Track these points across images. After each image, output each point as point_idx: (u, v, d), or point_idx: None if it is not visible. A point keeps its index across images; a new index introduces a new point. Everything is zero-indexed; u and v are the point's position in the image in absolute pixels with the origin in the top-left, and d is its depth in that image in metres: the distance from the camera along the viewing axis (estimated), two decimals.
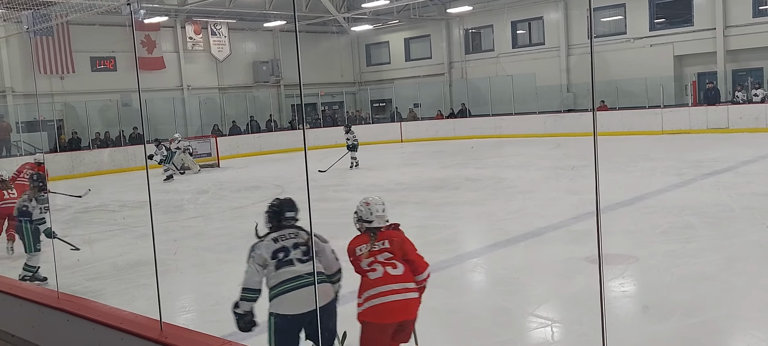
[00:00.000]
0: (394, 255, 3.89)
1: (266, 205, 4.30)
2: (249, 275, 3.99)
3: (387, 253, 3.87)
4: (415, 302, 3.87)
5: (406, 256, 3.92)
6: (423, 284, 3.97)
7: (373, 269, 3.83)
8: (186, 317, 6.06)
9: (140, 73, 23.82)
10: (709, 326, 5.00)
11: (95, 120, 22.87)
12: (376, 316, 3.77)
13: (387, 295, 3.76)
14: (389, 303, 3.75)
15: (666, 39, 23.28)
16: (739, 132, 19.40)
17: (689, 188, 11.02)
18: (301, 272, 3.89)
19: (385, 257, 3.86)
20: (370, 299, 3.79)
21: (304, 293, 3.82)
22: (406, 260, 3.91)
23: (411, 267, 3.90)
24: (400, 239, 3.96)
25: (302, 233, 4.08)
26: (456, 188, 12.81)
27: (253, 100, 28.01)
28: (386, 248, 3.89)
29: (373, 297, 3.78)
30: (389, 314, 3.75)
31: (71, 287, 6.45)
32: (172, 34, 25.93)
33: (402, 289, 3.79)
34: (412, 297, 3.84)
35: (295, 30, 3.11)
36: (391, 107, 29.19)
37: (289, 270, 3.90)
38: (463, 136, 25.11)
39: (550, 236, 8.17)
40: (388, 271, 3.81)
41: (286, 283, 3.87)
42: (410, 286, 3.85)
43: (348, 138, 16.95)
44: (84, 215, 12.62)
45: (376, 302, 3.76)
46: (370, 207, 3.99)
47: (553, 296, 5.99)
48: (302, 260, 3.94)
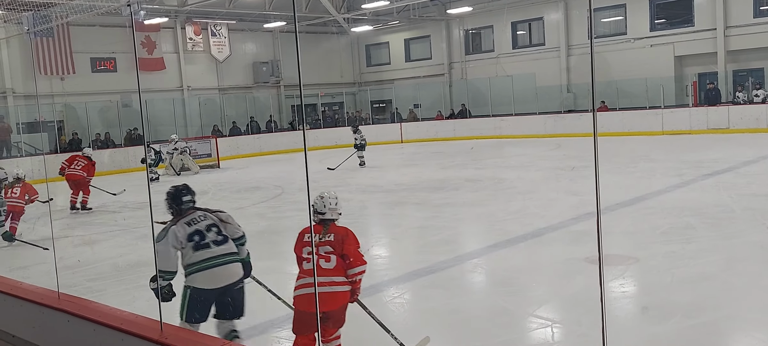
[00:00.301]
0: (334, 249, 4.17)
1: (266, 205, 4.34)
2: (165, 257, 4.32)
3: (328, 246, 4.17)
4: (341, 295, 4.14)
5: (344, 251, 4.16)
6: (354, 278, 4.21)
7: (306, 258, 4.16)
8: None
9: (140, 74, 23.85)
10: (710, 327, 5.00)
11: (95, 121, 22.88)
12: (300, 304, 4.14)
13: (305, 287, 4.11)
14: (305, 296, 4.08)
15: (666, 39, 23.28)
16: (740, 132, 19.39)
17: (690, 188, 11.01)
18: (217, 253, 4.39)
19: (325, 250, 4.17)
20: (300, 287, 4.15)
21: (218, 271, 4.37)
22: (342, 255, 4.16)
23: (345, 262, 4.16)
24: (343, 234, 4.22)
25: (210, 215, 4.56)
26: (456, 189, 12.81)
27: (253, 100, 28.02)
28: (329, 240, 4.19)
29: (301, 286, 4.15)
30: (311, 304, 3.91)
31: (72, 288, 6.45)
32: (172, 35, 25.94)
33: (328, 282, 4.07)
34: (337, 290, 4.10)
35: (295, 31, 3.11)
36: (391, 108, 29.19)
37: (207, 252, 4.37)
38: (463, 136, 25.11)
39: (550, 237, 8.17)
40: (321, 263, 4.11)
41: (203, 262, 4.35)
42: (338, 280, 4.12)
43: (356, 137, 17.39)
44: (84, 216, 12.62)
45: (302, 292, 4.12)
46: (324, 200, 4.34)
47: (553, 297, 5.99)
48: (217, 241, 4.42)
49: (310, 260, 4.09)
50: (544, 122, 23.72)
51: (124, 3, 11.90)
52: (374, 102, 30.48)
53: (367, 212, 11.07)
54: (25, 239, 9.55)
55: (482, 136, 24.54)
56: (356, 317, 5.77)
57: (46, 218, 11.63)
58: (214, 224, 4.49)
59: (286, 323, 5.65)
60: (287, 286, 6.95)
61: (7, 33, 20.31)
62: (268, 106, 28.04)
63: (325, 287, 4.04)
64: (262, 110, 27.69)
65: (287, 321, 5.67)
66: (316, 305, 3.56)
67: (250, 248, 4.86)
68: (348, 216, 10.60)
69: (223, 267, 4.38)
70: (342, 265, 4.16)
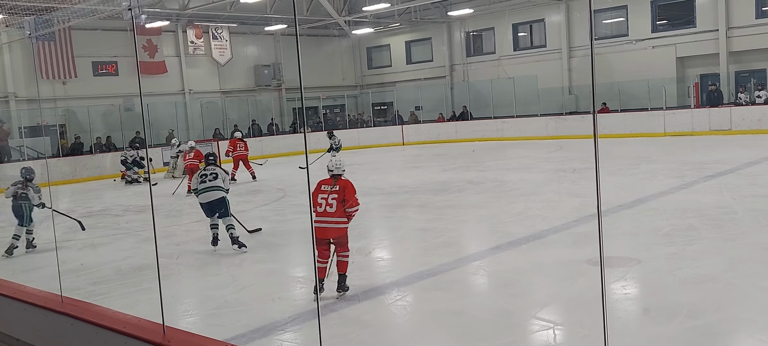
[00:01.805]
0: (337, 197, 6.26)
1: (268, 208, 4.37)
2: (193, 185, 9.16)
3: (334, 195, 6.27)
4: (341, 229, 6.30)
5: (344, 196, 6.27)
6: (350, 214, 6.35)
7: (320, 203, 6.26)
8: (189, 320, 6.07)
9: (142, 78, 23.90)
10: (712, 328, 4.99)
11: (97, 124, 22.91)
12: (317, 233, 6.30)
13: (320, 222, 6.27)
14: (321, 228, 6.27)
15: (668, 40, 23.27)
16: (742, 134, 19.37)
17: (692, 190, 11.00)
18: (209, 185, 8.69)
19: (332, 197, 6.26)
20: (316, 221, 6.29)
21: (208, 193, 8.67)
22: (343, 200, 6.26)
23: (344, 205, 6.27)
24: (345, 184, 6.35)
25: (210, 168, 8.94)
26: (458, 191, 12.81)
27: (255, 103, 28.05)
28: (336, 190, 6.29)
29: (316, 222, 6.28)
30: (321, 233, 6.29)
31: (75, 291, 6.48)
32: (173, 39, 25.99)
33: (331, 220, 6.26)
34: (337, 227, 6.27)
35: (296, 33, 3.12)
36: (392, 110, 29.20)
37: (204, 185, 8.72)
38: (464, 139, 25.11)
39: (553, 239, 8.17)
40: (327, 209, 6.25)
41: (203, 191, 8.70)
42: (338, 219, 6.26)
43: (332, 142, 18.41)
44: (87, 219, 12.64)
45: (316, 225, 6.27)
46: (333, 162, 6.54)
47: (555, 299, 5.99)
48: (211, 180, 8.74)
49: (322, 205, 6.23)
50: (546, 124, 23.71)
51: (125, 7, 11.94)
52: (376, 104, 30.49)
53: (369, 215, 11.07)
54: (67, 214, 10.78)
55: (484, 139, 24.53)
56: (357, 319, 5.77)
57: (49, 222, 11.65)
58: (210, 173, 8.80)
59: (289, 325, 5.67)
60: (289, 287, 6.98)
61: (10, 37, 20.39)
62: (270, 109, 28.08)
63: (330, 224, 6.25)
64: (264, 113, 27.72)
65: (289, 323, 5.70)
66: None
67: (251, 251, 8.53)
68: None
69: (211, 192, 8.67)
70: (342, 208, 6.24)
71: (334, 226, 6.23)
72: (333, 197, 6.21)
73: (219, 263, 8.31)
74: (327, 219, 6.22)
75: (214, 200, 8.60)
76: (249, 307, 6.32)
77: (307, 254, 8.23)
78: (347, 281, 6.40)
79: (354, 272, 6.65)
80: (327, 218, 6.22)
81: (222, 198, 8.62)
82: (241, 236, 8.80)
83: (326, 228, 6.22)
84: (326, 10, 25.94)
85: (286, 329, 5.62)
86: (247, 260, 8.33)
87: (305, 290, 6.70)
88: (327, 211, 6.22)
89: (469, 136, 25.12)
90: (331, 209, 6.21)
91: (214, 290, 6.99)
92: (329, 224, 6.22)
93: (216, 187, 8.63)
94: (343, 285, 6.28)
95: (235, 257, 8.52)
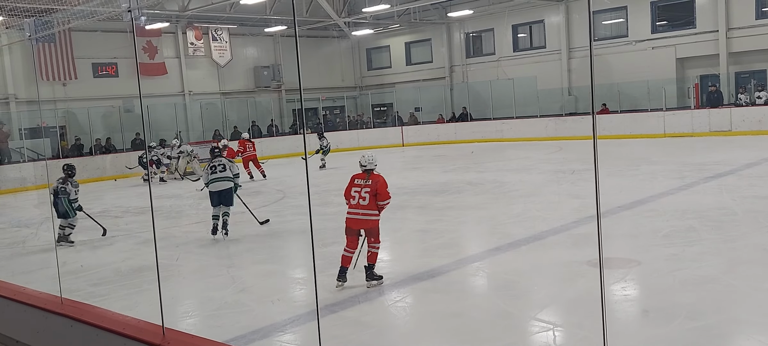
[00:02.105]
0: (370, 190, 6.57)
1: (268, 209, 4.37)
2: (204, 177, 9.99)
3: (367, 188, 6.58)
4: (373, 221, 6.61)
5: (377, 190, 6.57)
6: (382, 207, 6.68)
7: (353, 195, 6.62)
8: (188, 322, 6.07)
9: (142, 79, 23.90)
10: (712, 330, 4.99)
11: (97, 126, 22.92)
12: (347, 223, 6.66)
13: (353, 214, 6.64)
14: (354, 219, 6.62)
15: (668, 41, 23.27)
16: (742, 135, 19.37)
17: (692, 191, 11.00)
18: (219, 176, 9.60)
19: (365, 190, 6.58)
20: (348, 212, 6.66)
21: (218, 183, 9.56)
22: (376, 193, 6.58)
23: (377, 198, 6.58)
24: (377, 179, 6.66)
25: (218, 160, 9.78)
26: (458, 192, 12.81)
27: (255, 105, 28.05)
28: (369, 184, 6.60)
29: (348, 213, 6.66)
30: (353, 224, 6.64)
31: (75, 293, 6.48)
32: (173, 40, 26.00)
33: (362, 213, 6.59)
34: (369, 219, 6.58)
35: (295, 35, 3.12)
36: (392, 111, 29.21)
37: (215, 175, 9.61)
38: (464, 140, 25.11)
39: (552, 240, 8.17)
40: (360, 202, 6.58)
41: (213, 181, 9.58)
42: (371, 212, 6.57)
43: (322, 144, 18.89)
44: (86, 220, 12.64)
45: (348, 217, 6.66)
46: (366, 158, 6.78)
47: (554, 300, 5.99)
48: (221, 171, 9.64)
49: (355, 198, 6.61)
50: (546, 125, 23.71)
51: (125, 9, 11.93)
52: (375, 106, 30.50)
53: None
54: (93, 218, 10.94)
55: (483, 140, 24.54)
56: (356, 320, 5.78)
57: (49, 223, 11.65)
58: (219, 165, 9.67)
59: (288, 326, 5.67)
60: (289, 289, 6.98)
61: (10, 39, 20.38)
62: (270, 111, 28.08)
63: (359, 216, 6.60)
64: (264, 114, 27.73)
65: (289, 324, 5.70)
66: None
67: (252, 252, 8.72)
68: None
69: (220, 182, 9.59)
70: (374, 201, 6.57)
71: (366, 218, 6.57)
72: (366, 191, 6.56)
73: (219, 265, 8.32)
74: (360, 211, 6.57)
75: (223, 190, 9.51)
76: (249, 308, 6.32)
77: (307, 256, 8.23)
78: (347, 282, 6.48)
79: (353, 273, 6.66)
80: (359, 210, 6.58)
81: (230, 188, 9.57)
82: (244, 234, 8.85)
83: (359, 219, 6.58)
84: (326, 12, 25.95)
85: (286, 330, 5.62)
86: (246, 261, 8.34)
87: (305, 291, 6.70)
88: (360, 203, 6.58)
89: (468, 138, 25.12)
90: (363, 201, 6.55)
91: (213, 292, 6.99)
92: (362, 215, 6.57)
93: (224, 178, 9.57)
94: (374, 275, 6.61)
95: (235, 259, 8.52)
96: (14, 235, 11.75)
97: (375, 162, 6.76)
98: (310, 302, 6.22)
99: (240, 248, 9.10)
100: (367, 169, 6.70)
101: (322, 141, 19.19)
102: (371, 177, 6.64)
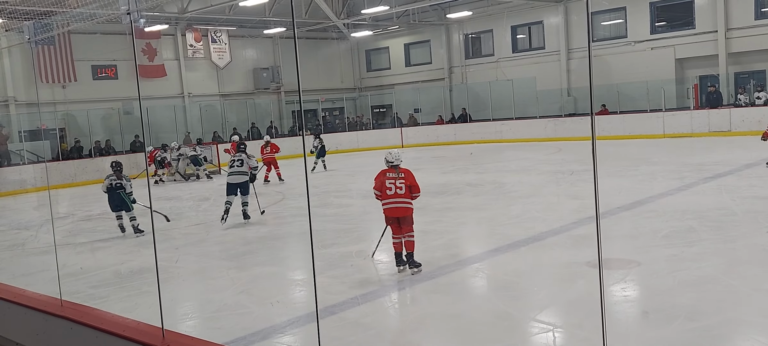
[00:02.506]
0: (405, 182, 7.17)
1: (268, 211, 4.38)
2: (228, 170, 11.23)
3: (401, 180, 7.18)
4: (408, 209, 7.17)
5: (409, 183, 7.18)
6: (415, 198, 7.28)
7: (389, 187, 7.17)
8: (188, 324, 6.07)
9: (141, 81, 23.91)
10: (712, 330, 4.99)
11: (97, 128, 22.92)
12: (387, 212, 7.21)
13: (391, 203, 7.18)
14: (394, 208, 7.16)
15: (667, 42, 23.27)
16: (742, 135, 19.37)
17: (691, 191, 11.01)
18: (236, 170, 10.82)
19: (399, 182, 7.18)
20: (386, 203, 7.21)
21: (235, 176, 10.78)
22: (409, 186, 7.18)
23: (411, 190, 7.20)
24: (407, 173, 7.27)
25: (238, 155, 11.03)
26: (457, 193, 12.81)
27: (254, 106, 28.06)
28: (402, 177, 7.21)
29: (387, 203, 7.20)
30: (394, 213, 7.17)
31: (75, 295, 6.47)
32: (172, 42, 26.00)
33: (401, 201, 7.16)
34: (406, 207, 7.17)
35: (294, 36, 3.12)
36: (391, 113, 29.22)
37: (233, 169, 10.85)
38: (463, 141, 25.12)
39: (552, 241, 8.17)
40: (397, 191, 7.15)
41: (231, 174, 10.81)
42: (406, 200, 7.18)
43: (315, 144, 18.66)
44: (86, 223, 12.65)
45: (387, 206, 7.20)
46: (393, 155, 7.35)
47: (554, 301, 5.99)
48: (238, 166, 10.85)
49: (392, 189, 7.14)
50: (545, 126, 23.72)
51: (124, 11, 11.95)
52: (375, 107, 30.50)
53: (369, 217, 11.06)
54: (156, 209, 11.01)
55: (483, 141, 24.54)
56: (356, 322, 5.77)
57: (49, 225, 11.66)
58: (238, 159, 10.95)
59: (288, 328, 5.67)
60: (289, 290, 6.98)
61: (9, 42, 20.39)
62: (269, 112, 28.08)
63: (398, 204, 7.15)
64: (263, 116, 27.73)
65: (289, 326, 5.70)
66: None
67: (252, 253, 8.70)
68: (349, 221, 10.66)
69: (238, 175, 10.78)
70: (408, 191, 7.17)
71: (404, 205, 7.16)
72: (400, 182, 7.16)
73: (218, 267, 8.32)
74: (399, 200, 7.17)
75: (239, 183, 10.77)
76: (248, 310, 6.32)
77: (307, 257, 8.23)
78: (347, 284, 6.53)
79: (353, 274, 6.66)
80: (398, 199, 7.17)
81: (245, 181, 10.84)
82: (244, 236, 8.81)
83: (398, 207, 7.16)
84: (325, 13, 25.96)
85: (286, 332, 5.62)
86: (246, 263, 8.34)
87: (305, 292, 6.70)
88: (397, 193, 7.17)
89: (468, 139, 25.13)
90: (400, 191, 7.16)
91: (213, 294, 6.99)
92: (401, 204, 7.17)
93: (241, 172, 10.82)
94: (415, 262, 7.08)
95: (234, 260, 8.52)
96: (14, 237, 11.74)
97: (401, 158, 7.39)
98: (309, 304, 6.22)
99: (240, 250, 9.10)
100: (395, 165, 7.29)
101: (316, 141, 18.71)
102: (401, 170, 7.24)
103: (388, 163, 7.32)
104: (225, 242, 9.60)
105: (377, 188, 7.26)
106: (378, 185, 7.26)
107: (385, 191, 7.20)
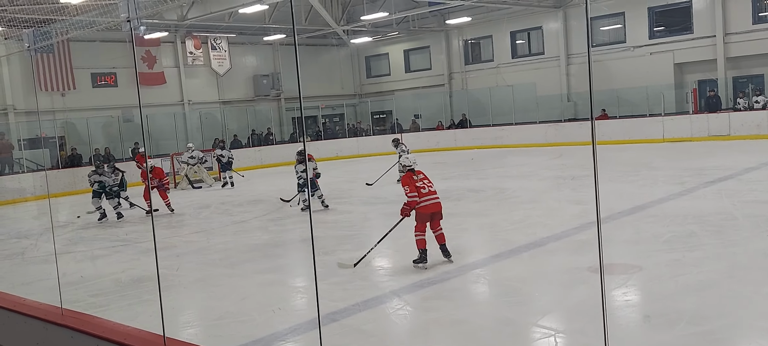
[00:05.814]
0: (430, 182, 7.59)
1: (268, 218, 4.37)
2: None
3: (427, 180, 7.61)
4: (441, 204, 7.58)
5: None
6: None
7: (423, 186, 7.52)
8: (190, 332, 6.05)
9: (141, 89, 23.93)
10: (714, 335, 4.98)
11: (97, 136, 22.91)
12: (426, 209, 7.47)
13: (430, 199, 7.51)
14: (432, 203, 7.51)
15: (666, 47, 23.32)
16: (741, 139, 19.40)
17: (691, 196, 11.00)
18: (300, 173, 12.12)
19: (427, 181, 7.59)
20: (425, 200, 7.48)
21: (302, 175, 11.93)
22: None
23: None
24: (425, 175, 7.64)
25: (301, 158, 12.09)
26: (458, 199, 12.80)
27: (254, 113, 28.08)
28: (425, 176, 7.64)
29: (425, 200, 7.48)
30: (432, 208, 7.50)
31: (75, 303, 6.45)
32: (172, 50, 26.04)
33: (436, 197, 7.56)
34: (439, 202, 7.57)
35: (294, 43, 3.14)
36: (391, 119, 29.24)
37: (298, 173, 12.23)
38: (464, 146, 25.13)
39: (553, 246, 8.17)
40: (430, 189, 7.56)
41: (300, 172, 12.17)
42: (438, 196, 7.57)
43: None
44: (86, 231, 12.64)
45: (426, 203, 7.47)
46: (410, 159, 7.90)
47: (556, 307, 5.98)
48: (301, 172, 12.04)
49: (425, 188, 7.51)
50: (545, 131, 23.73)
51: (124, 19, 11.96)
52: (375, 113, 30.52)
53: (370, 224, 11.07)
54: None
55: (483, 146, 24.55)
56: (358, 328, 5.76)
57: (49, 234, 11.65)
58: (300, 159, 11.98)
59: (290, 335, 5.66)
60: (291, 298, 6.97)
61: (8, 50, 20.42)
62: (269, 119, 28.10)
63: (437, 199, 7.57)
64: (263, 123, 27.75)
65: (291, 333, 5.68)
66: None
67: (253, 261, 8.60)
68: (350, 227, 10.65)
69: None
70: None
71: (439, 201, 7.59)
72: (428, 180, 7.61)
73: (220, 274, 8.30)
74: (434, 196, 7.56)
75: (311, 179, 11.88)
76: (250, 317, 6.30)
77: (308, 264, 8.22)
78: (349, 290, 6.56)
79: (355, 280, 6.65)
80: (433, 196, 7.57)
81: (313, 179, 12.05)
82: (245, 243, 8.80)
83: (437, 202, 7.54)
84: (324, 20, 26.01)
85: (287, 339, 5.61)
86: (247, 270, 8.32)
87: (306, 300, 6.69)
88: (431, 190, 7.57)
89: (468, 144, 25.14)
90: (432, 187, 7.59)
91: (214, 301, 6.98)
92: (437, 199, 7.56)
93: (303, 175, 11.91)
94: (448, 252, 7.53)
95: (236, 268, 8.51)
96: (14, 246, 11.72)
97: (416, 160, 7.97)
98: (311, 311, 6.20)
99: (241, 257, 9.08)
100: (412, 168, 7.72)
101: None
102: (419, 172, 7.69)
103: (406, 167, 7.74)
104: (226, 250, 9.59)
105: (413, 190, 7.52)
106: (412, 187, 7.54)
107: (420, 191, 7.50)
